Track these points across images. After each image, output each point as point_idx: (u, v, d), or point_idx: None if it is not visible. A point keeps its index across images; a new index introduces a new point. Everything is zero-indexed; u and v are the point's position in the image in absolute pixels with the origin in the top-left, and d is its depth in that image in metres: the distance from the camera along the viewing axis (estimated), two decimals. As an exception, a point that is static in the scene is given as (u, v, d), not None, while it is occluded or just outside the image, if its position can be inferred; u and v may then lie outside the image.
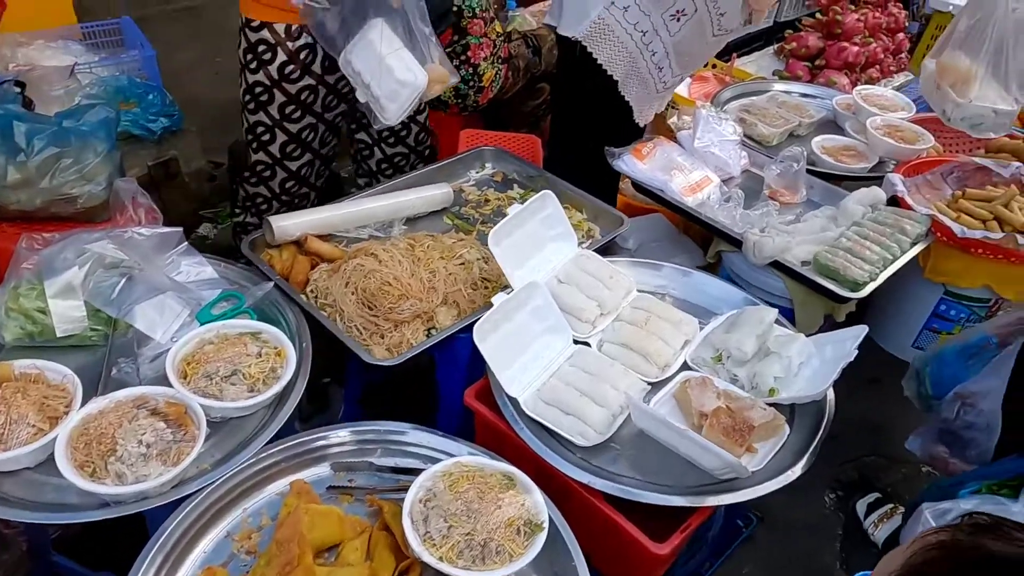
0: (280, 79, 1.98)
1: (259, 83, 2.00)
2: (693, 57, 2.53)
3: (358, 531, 1.30)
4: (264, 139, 2.09)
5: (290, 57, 1.96)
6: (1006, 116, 2.49)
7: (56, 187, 1.86)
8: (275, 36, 1.94)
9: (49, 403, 1.37)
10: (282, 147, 2.10)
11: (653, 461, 1.45)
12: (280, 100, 2.02)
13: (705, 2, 2.27)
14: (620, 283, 1.74)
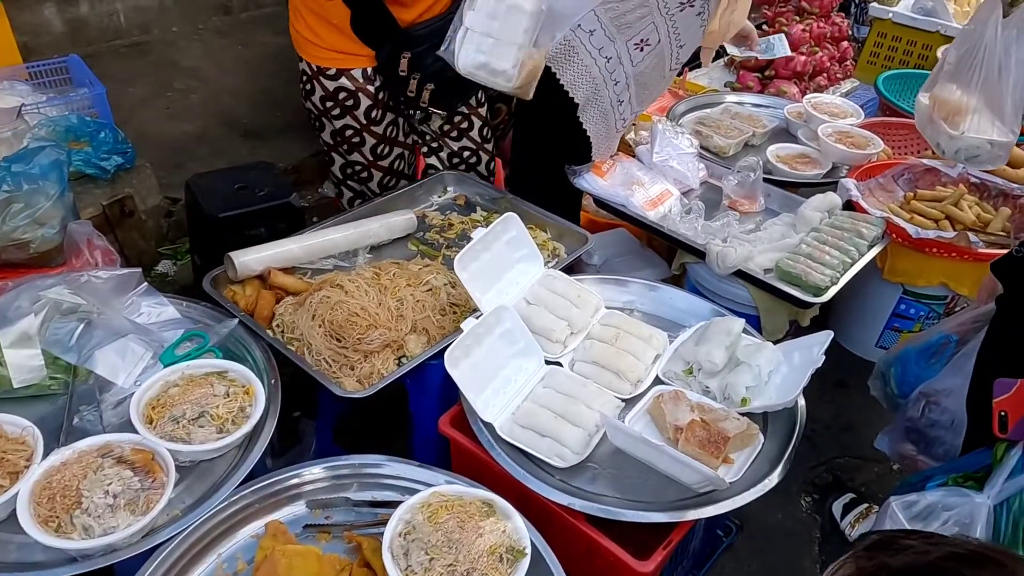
0: (368, 123, 2.16)
1: (348, 127, 2.17)
2: (650, 91, 2.58)
3: (338, 569, 1.28)
4: (363, 176, 2.32)
5: (374, 102, 2.13)
6: (1002, 147, 2.53)
7: (7, 233, 1.81)
8: (354, 83, 2.09)
9: (8, 457, 1.32)
10: (380, 182, 2.34)
11: (631, 478, 1.45)
12: (371, 142, 2.22)
13: (668, 33, 2.32)
14: (588, 301, 1.75)
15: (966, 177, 2.74)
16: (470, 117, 2.36)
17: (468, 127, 2.37)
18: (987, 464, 1.62)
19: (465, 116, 2.34)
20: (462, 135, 2.37)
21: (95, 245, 1.73)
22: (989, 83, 2.43)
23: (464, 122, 2.36)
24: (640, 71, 2.55)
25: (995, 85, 2.43)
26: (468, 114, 2.34)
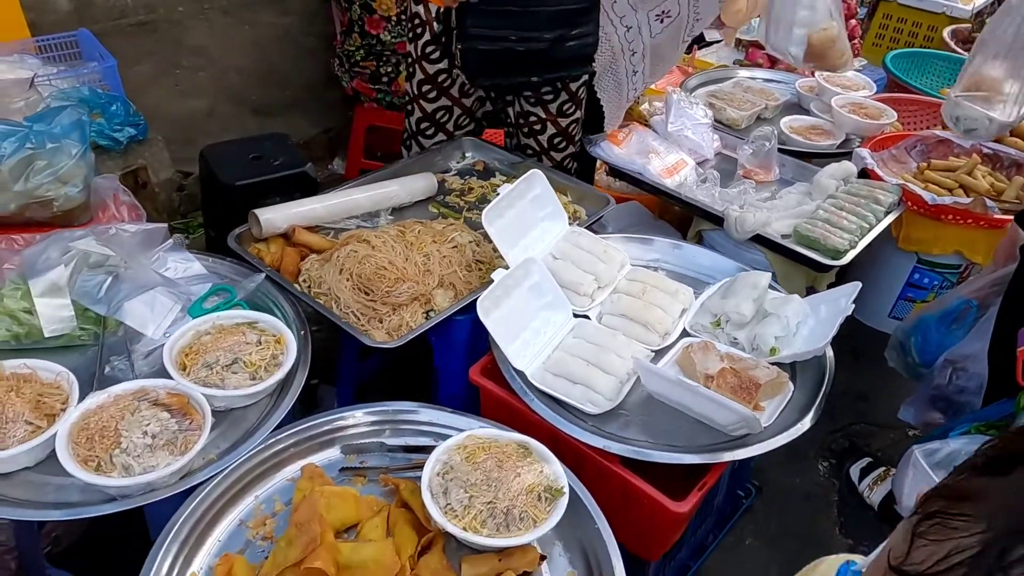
0: (421, 56, 2.11)
1: (410, 54, 2.14)
2: (663, 63, 2.59)
3: (376, 510, 1.28)
4: (408, 108, 2.26)
5: (433, 37, 2.06)
6: (998, 126, 2.55)
7: (30, 190, 1.80)
8: (427, 14, 2.05)
9: (45, 400, 1.32)
10: (417, 122, 2.25)
11: (664, 424, 1.46)
12: (419, 77, 2.15)
13: (688, 4, 2.33)
14: (614, 257, 1.75)
15: (979, 148, 2.75)
16: (545, 122, 2.23)
17: (540, 129, 2.25)
18: (1010, 413, 1.63)
19: (540, 119, 2.23)
20: (532, 134, 2.27)
21: (121, 201, 1.73)
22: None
23: (538, 124, 2.24)
24: (657, 43, 2.55)
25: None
26: (544, 118, 2.23)
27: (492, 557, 1.21)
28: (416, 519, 1.26)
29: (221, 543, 1.24)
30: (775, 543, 2.10)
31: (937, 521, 0.55)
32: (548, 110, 2.21)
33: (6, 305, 1.48)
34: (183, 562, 1.19)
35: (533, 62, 2.02)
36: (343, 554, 1.15)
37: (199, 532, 1.23)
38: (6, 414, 1.26)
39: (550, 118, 2.22)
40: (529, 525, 1.21)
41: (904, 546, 0.56)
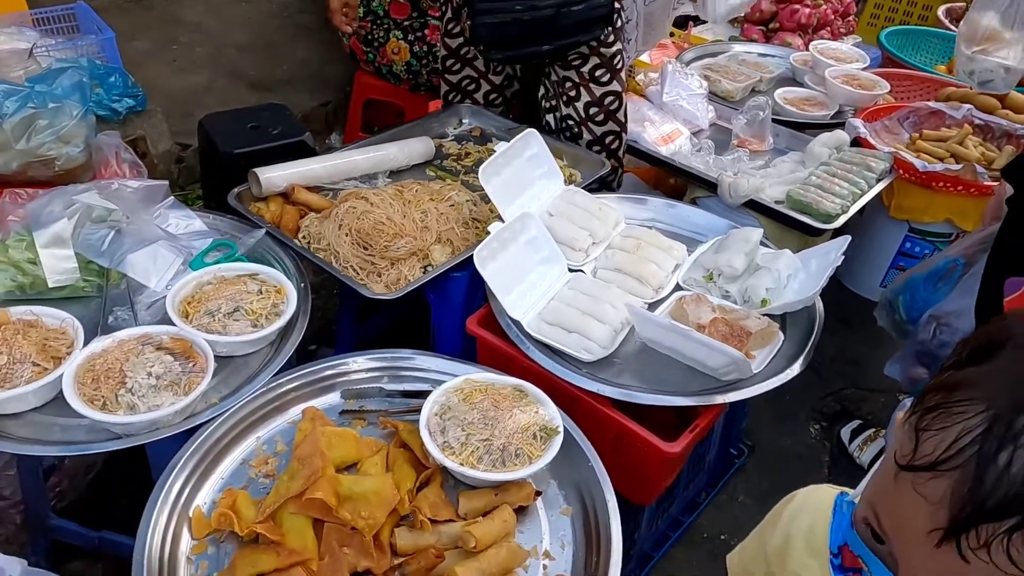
0: (444, 33, 2.15)
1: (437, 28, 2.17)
2: (655, 33, 2.61)
3: (375, 450, 1.31)
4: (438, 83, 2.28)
5: (453, 13, 2.10)
6: (1015, 75, 2.57)
7: (32, 149, 1.82)
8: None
9: (51, 344, 1.34)
10: (445, 95, 2.29)
11: (656, 372, 1.49)
12: (443, 52, 2.19)
13: None
14: (609, 215, 1.78)
15: (971, 119, 2.78)
16: (579, 87, 2.15)
17: (575, 95, 2.17)
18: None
19: (575, 84, 2.15)
20: (570, 101, 2.18)
21: (122, 158, 1.75)
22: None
23: (573, 89, 2.16)
24: (650, 11, 2.57)
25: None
26: (578, 83, 2.15)
27: (488, 492, 1.24)
28: (414, 458, 1.29)
29: (224, 480, 1.27)
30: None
31: (939, 412, 0.57)
32: (581, 74, 2.14)
33: (11, 256, 1.50)
34: (187, 496, 1.22)
35: (541, 31, 2.00)
36: (344, 486, 1.18)
37: (203, 469, 1.26)
38: (13, 355, 1.29)
39: (583, 83, 2.15)
40: (525, 461, 1.24)
41: (910, 443, 0.58)
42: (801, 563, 0.87)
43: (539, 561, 1.19)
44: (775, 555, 0.93)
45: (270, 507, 1.16)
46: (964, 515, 0.53)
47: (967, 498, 0.53)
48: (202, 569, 1.14)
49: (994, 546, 0.52)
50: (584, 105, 2.17)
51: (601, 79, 2.16)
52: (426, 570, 1.12)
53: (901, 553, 0.59)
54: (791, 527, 0.92)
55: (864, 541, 0.63)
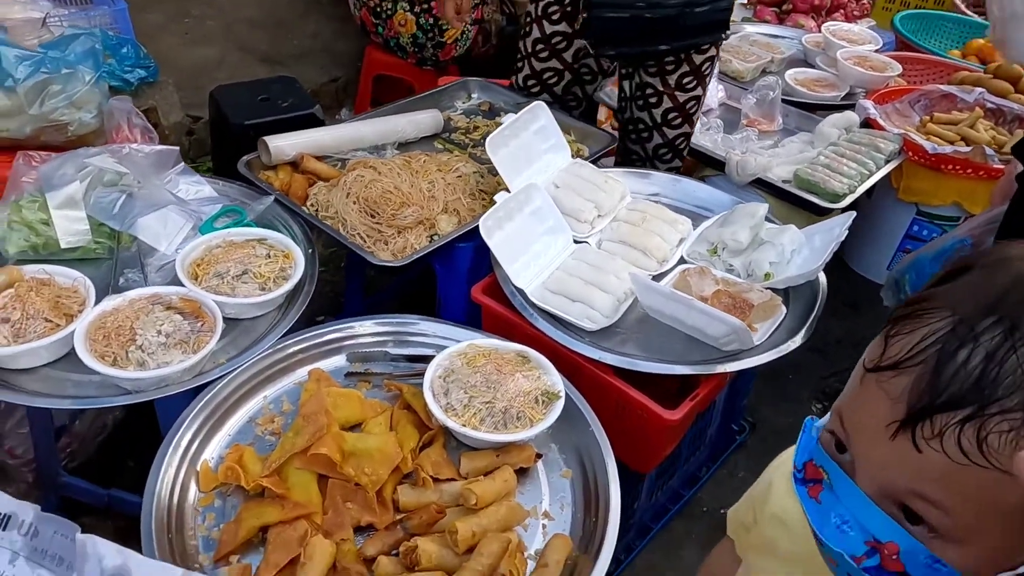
0: (542, 15, 2.07)
1: (529, 13, 2.08)
2: None
3: (379, 411, 1.33)
4: (518, 66, 2.21)
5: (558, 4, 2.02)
6: None
7: (45, 114, 1.85)
8: None
9: (63, 302, 1.37)
10: (525, 79, 2.20)
11: (658, 342, 1.50)
12: (535, 35, 2.10)
13: None
14: (615, 188, 1.79)
15: (983, 102, 2.77)
16: (661, 95, 2.05)
17: (656, 102, 2.07)
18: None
19: (656, 91, 2.05)
20: (647, 107, 2.09)
21: (134, 124, 1.77)
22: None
23: (654, 96, 2.07)
24: None
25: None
26: (661, 91, 2.05)
27: (490, 453, 1.26)
28: (418, 419, 1.31)
29: (231, 436, 1.29)
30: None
31: (907, 320, 0.60)
32: (667, 82, 2.03)
33: (24, 216, 1.52)
34: (195, 451, 1.25)
35: (662, 30, 1.91)
36: (348, 443, 1.20)
37: (210, 426, 1.28)
38: (27, 311, 1.32)
39: (667, 91, 2.05)
40: (526, 424, 1.26)
41: (879, 349, 0.61)
42: (780, 505, 0.90)
43: (538, 521, 1.21)
44: (759, 500, 0.96)
45: (276, 462, 1.18)
46: (920, 406, 0.56)
47: (925, 390, 0.56)
48: (209, 520, 1.17)
49: (947, 436, 0.54)
50: (663, 112, 2.08)
51: (687, 86, 2.06)
52: (427, 525, 1.14)
53: (859, 451, 0.62)
54: (774, 474, 0.95)
55: (826, 450, 0.65)
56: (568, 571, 1.13)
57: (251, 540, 1.13)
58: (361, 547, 1.13)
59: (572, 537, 1.18)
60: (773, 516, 0.90)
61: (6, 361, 1.30)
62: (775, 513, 0.90)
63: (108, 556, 1.03)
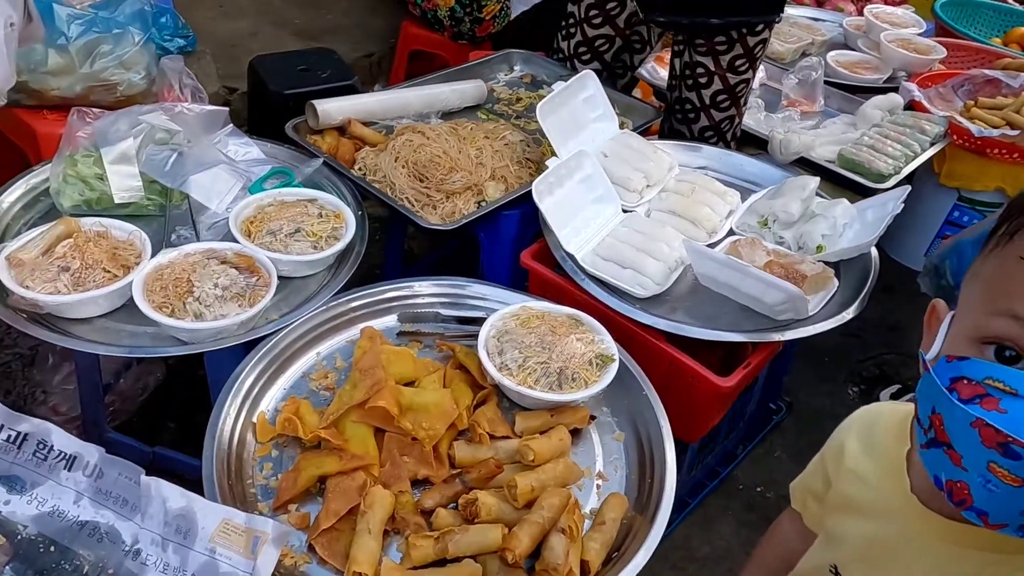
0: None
1: None
2: None
3: (432, 370, 1.33)
4: (570, 31, 2.17)
5: None
6: None
7: (95, 73, 1.86)
8: None
9: (120, 253, 1.38)
10: (576, 46, 2.16)
11: (710, 310, 1.49)
12: (588, 1, 2.07)
13: None
14: (663, 159, 1.78)
15: (1028, 87, 2.72)
16: (712, 75, 2.02)
17: (706, 82, 2.04)
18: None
19: (707, 71, 2.02)
20: (696, 87, 2.07)
21: (185, 84, 1.77)
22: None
23: (704, 76, 2.03)
24: None
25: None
26: (712, 71, 2.02)
27: (544, 413, 1.26)
28: (471, 379, 1.31)
29: (286, 391, 1.30)
30: (802, 457, 2.12)
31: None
32: (719, 62, 2.00)
33: (79, 171, 1.53)
34: (251, 404, 1.25)
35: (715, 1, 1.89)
36: (405, 397, 1.20)
37: (265, 380, 1.29)
38: (86, 261, 1.32)
39: (719, 72, 2.02)
40: (581, 385, 1.26)
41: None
42: (856, 461, 0.89)
43: (592, 481, 1.21)
44: (831, 461, 0.95)
45: (333, 415, 1.19)
46: None
47: None
48: (266, 470, 1.18)
49: None
50: (712, 93, 2.05)
51: (739, 68, 2.02)
52: (485, 479, 1.14)
53: None
54: (845, 437, 0.94)
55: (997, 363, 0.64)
56: (624, 530, 1.13)
57: (309, 490, 1.14)
58: (419, 499, 1.14)
59: (627, 498, 1.18)
60: (850, 472, 0.89)
61: (65, 310, 1.31)
62: (852, 469, 0.89)
63: (172, 498, 1.04)
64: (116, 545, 1.02)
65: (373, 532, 1.05)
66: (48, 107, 1.89)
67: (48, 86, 1.84)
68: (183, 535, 1.01)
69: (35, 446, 1.08)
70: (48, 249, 1.35)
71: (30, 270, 1.30)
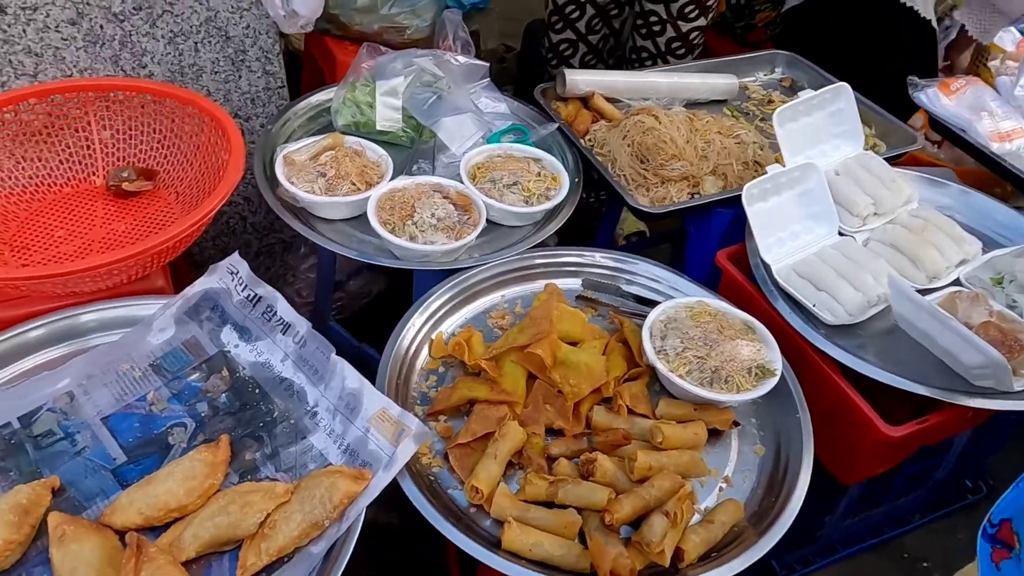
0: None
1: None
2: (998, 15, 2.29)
3: (597, 336, 1.41)
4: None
5: None
6: None
7: (391, 15, 2.13)
8: None
9: (367, 171, 1.61)
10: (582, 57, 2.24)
11: (901, 356, 1.40)
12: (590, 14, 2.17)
13: None
14: (902, 189, 1.66)
15: None
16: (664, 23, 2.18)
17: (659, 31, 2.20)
18: None
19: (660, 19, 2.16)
20: (650, 35, 2.21)
21: (458, 36, 1.97)
22: None
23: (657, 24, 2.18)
24: None
25: None
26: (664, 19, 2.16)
27: (688, 406, 1.29)
28: (629, 354, 1.37)
29: (466, 319, 1.46)
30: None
31: None
32: (669, 10, 2.16)
33: (355, 96, 1.79)
34: (434, 323, 1.43)
35: None
36: (561, 351, 1.30)
37: (452, 305, 1.46)
38: (339, 171, 1.57)
39: (670, 19, 2.17)
40: (732, 389, 1.27)
41: None
42: None
43: (716, 481, 1.23)
44: None
45: (496, 350, 1.32)
46: None
47: None
48: (430, 381, 1.34)
49: None
50: (667, 40, 2.18)
51: (689, 15, 2.13)
52: (611, 446, 1.21)
53: None
54: None
55: None
56: (731, 536, 1.14)
57: (459, 408, 1.29)
58: (548, 445, 1.23)
59: (745, 508, 1.18)
60: None
61: (315, 208, 1.57)
62: None
63: (350, 379, 1.24)
64: (301, 403, 1.25)
65: (499, 459, 1.17)
66: (349, 39, 2.20)
67: (353, 21, 2.15)
68: (350, 410, 1.20)
69: (264, 308, 1.34)
70: (315, 156, 1.62)
71: (298, 170, 1.58)
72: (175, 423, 1.23)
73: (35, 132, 1.56)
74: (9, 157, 1.54)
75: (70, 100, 1.57)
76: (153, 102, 1.61)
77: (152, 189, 1.60)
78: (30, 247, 1.48)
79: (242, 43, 1.85)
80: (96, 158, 1.62)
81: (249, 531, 1.06)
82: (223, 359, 1.31)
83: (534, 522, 1.11)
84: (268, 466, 1.17)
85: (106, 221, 1.55)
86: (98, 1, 1.63)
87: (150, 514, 1.07)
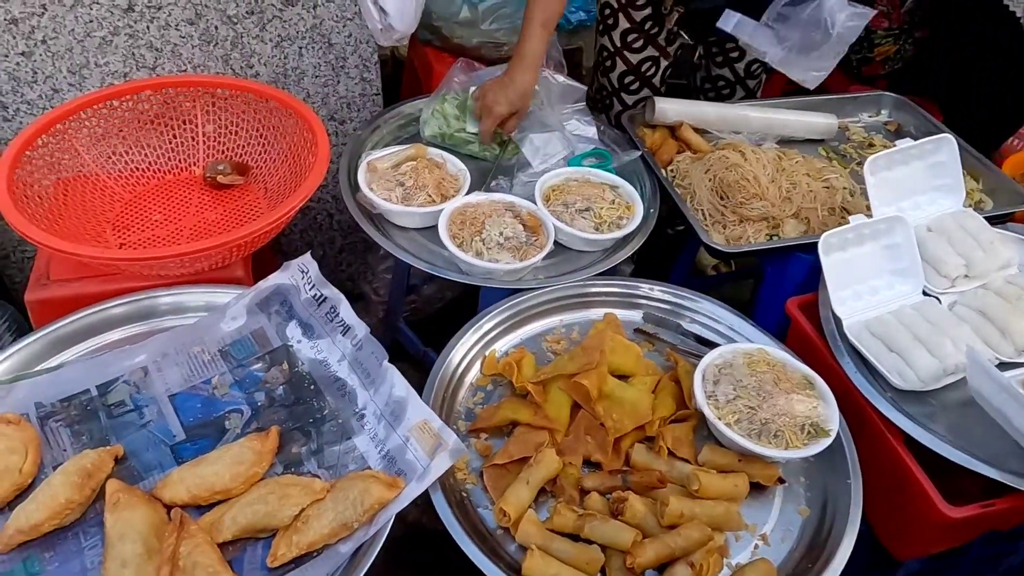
0: (627, 3, 1.94)
1: (608, 5, 1.99)
2: None
3: (649, 372, 1.39)
4: (607, 64, 2.08)
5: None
6: None
7: (491, 31, 2.18)
8: None
9: (444, 184, 1.65)
10: (620, 77, 2.06)
11: (973, 434, 1.31)
12: (624, 26, 1.98)
13: None
14: (1000, 252, 1.56)
15: None
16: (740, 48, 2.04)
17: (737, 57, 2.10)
18: None
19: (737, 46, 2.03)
20: (727, 63, 2.11)
21: (552, 56, 1.99)
22: None
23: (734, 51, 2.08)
24: None
25: None
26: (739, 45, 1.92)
27: (734, 456, 1.25)
28: (680, 395, 1.35)
29: (521, 340, 1.47)
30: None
31: None
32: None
33: (444, 109, 1.84)
34: (488, 341, 1.45)
35: None
36: (608, 385, 1.29)
37: (509, 325, 1.47)
38: (418, 182, 1.62)
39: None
40: (781, 444, 1.22)
41: None
42: None
43: (752, 538, 1.19)
44: None
45: (545, 375, 1.33)
46: None
47: None
48: (477, 398, 1.36)
49: None
50: (746, 64, 2.11)
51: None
52: (645, 487, 1.20)
53: None
54: None
55: None
56: (760, 598, 1.11)
57: (501, 428, 1.30)
58: (583, 477, 1.23)
59: (780, 571, 1.14)
60: None
61: (391, 216, 1.62)
62: None
63: (398, 387, 1.27)
64: (351, 404, 1.29)
65: (531, 484, 1.18)
66: (448, 51, 2.26)
67: (454, 34, 2.20)
68: (394, 417, 1.24)
69: (328, 308, 1.39)
70: (397, 165, 1.67)
71: (379, 177, 1.63)
72: (233, 409, 1.30)
73: (148, 121, 1.68)
74: (123, 142, 1.67)
75: (182, 94, 1.69)
76: (256, 101, 1.70)
77: (244, 183, 1.70)
78: (130, 227, 1.60)
79: (343, 50, 1.93)
80: (199, 150, 1.73)
81: (284, 522, 1.10)
82: (285, 352, 1.37)
83: (557, 553, 1.11)
84: (311, 461, 1.22)
85: (199, 210, 1.66)
86: (215, 4, 1.74)
87: (197, 493, 1.13)
